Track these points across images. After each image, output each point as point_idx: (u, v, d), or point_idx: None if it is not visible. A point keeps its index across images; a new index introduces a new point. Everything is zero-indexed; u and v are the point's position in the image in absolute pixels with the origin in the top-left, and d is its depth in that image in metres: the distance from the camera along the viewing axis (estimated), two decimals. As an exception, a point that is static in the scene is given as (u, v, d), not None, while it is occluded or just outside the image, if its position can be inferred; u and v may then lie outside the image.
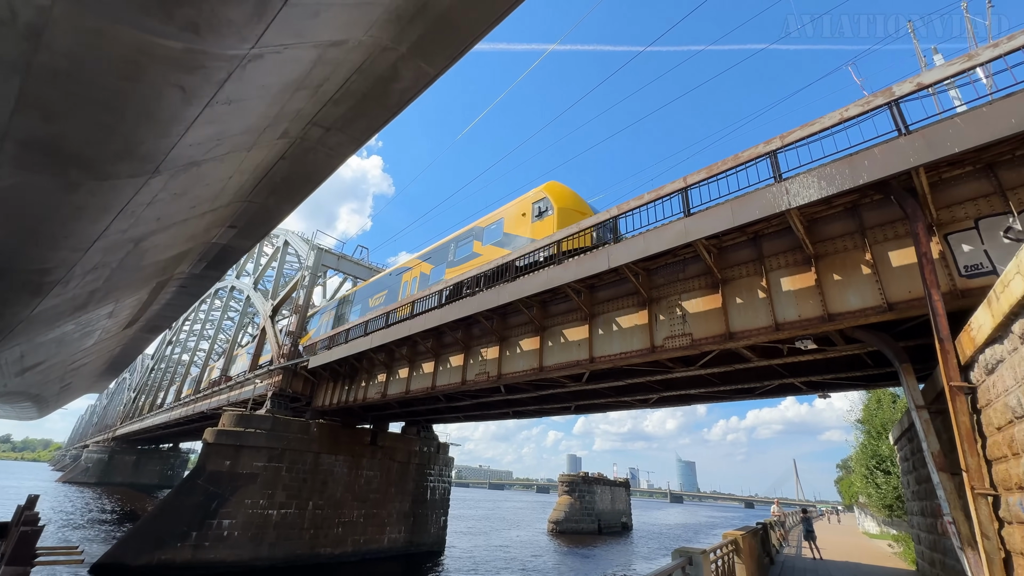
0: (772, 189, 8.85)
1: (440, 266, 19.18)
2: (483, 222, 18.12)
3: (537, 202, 15.90)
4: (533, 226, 15.67)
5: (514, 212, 16.72)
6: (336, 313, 28.68)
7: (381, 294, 23.46)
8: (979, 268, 7.63)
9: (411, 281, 21.05)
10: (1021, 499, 5.77)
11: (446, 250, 19.41)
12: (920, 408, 8.57)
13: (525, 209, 16.25)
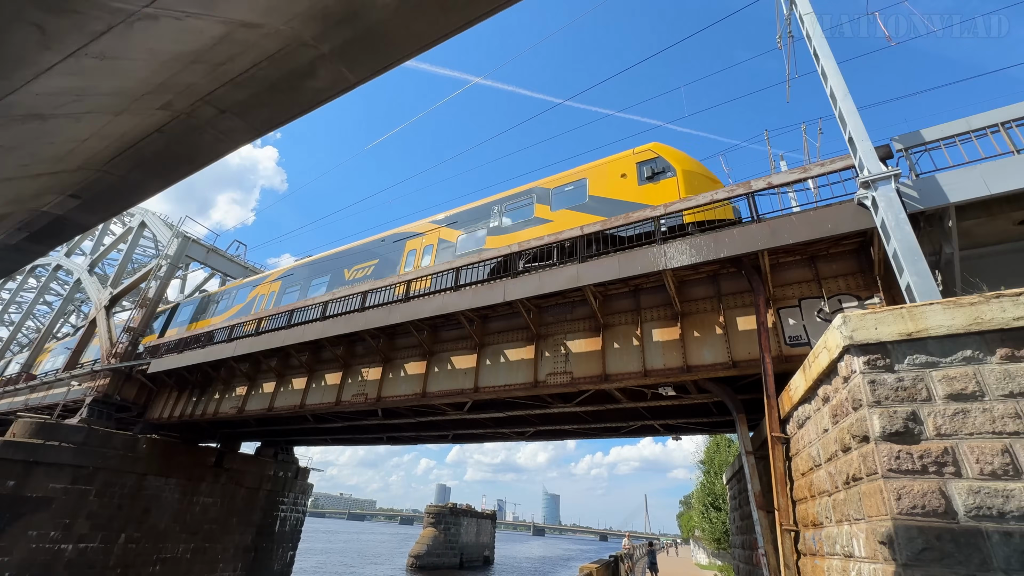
0: (654, 250, 9.93)
1: (475, 232, 15.19)
2: (548, 182, 14.56)
3: (646, 162, 12.87)
4: (642, 190, 12.58)
5: (605, 172, 13.56)
6: (198, 310, 25.22)
7: (361, 266, 18.04)
8: (799, 339, 9.29)
9: (421, 250, 16.31)
10: (815, 534, 6.94)
11: (484, 213, 15.40)
12: (748, 453, 9.98)
13: (625, 169, 13.18)
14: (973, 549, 4.12)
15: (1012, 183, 7.08)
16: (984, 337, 4.75)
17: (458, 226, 15.89)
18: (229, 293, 24.62)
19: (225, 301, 24.28)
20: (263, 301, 21.71)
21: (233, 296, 24.03)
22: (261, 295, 22.10)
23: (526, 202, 14.69)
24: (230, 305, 23.60)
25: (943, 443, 4.58)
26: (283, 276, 21.80)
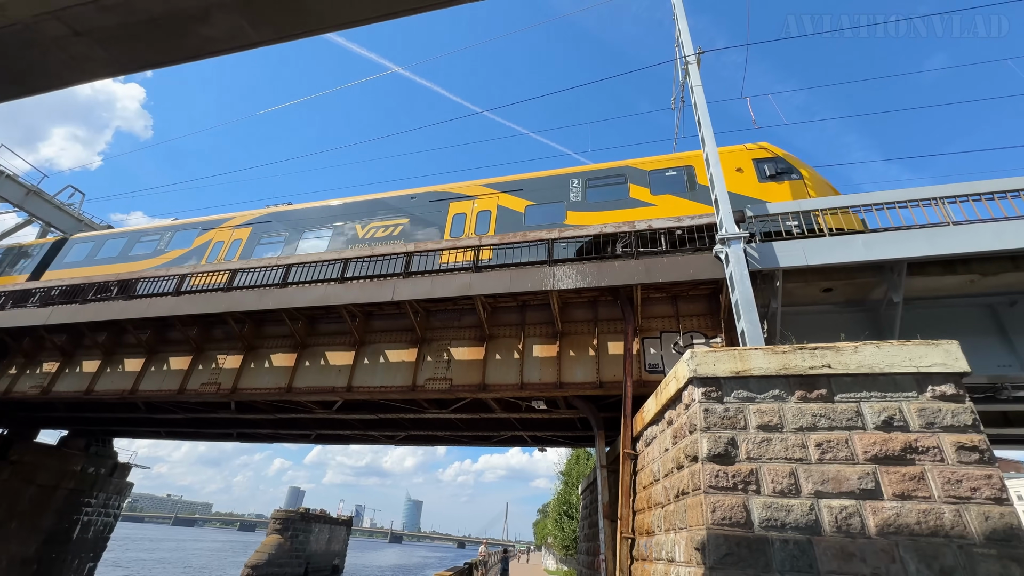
0: (544, 270, 10.47)
1: (550, 205, 13.97)
2: (643, 163, 13.87)
3: (765, 160, 12.79)
4: (762, 187, 12.42)
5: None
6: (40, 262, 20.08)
7: (384, 223, 15.24)
8: (657, 367, 10.45)
9: (472, 215, 14.36)
10: (647, 541, 7.78)
11: (561, 185, 14.30)
12: (602, 467, 10.88)
13: (740, 163, 12.92)
14: (760, 554, 4.99)
15: (820, 259, 8.84)
16: (788, 380, 5.84)
17: (524, 195, 14.36)
18: (152, 235, 18.76)
19: (146, 245, 18.72)
20: (219, 250, 16.97)
21: (167, 239, 18.25)
22: (216, 242, 17.20)
23: (617, 181, 13.81)
24: (157, 250, 18.18)
25: (751, 465, 5.50)
26: (258, 221, 17.20)
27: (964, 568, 4.61)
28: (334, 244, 15.33)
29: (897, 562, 4.75)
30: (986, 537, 4.70)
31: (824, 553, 4.91)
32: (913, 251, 8.60)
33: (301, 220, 16.58)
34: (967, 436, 5.19)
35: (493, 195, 14.66)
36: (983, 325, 9.47)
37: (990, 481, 4.91)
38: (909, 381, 5.58)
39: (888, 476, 5.13)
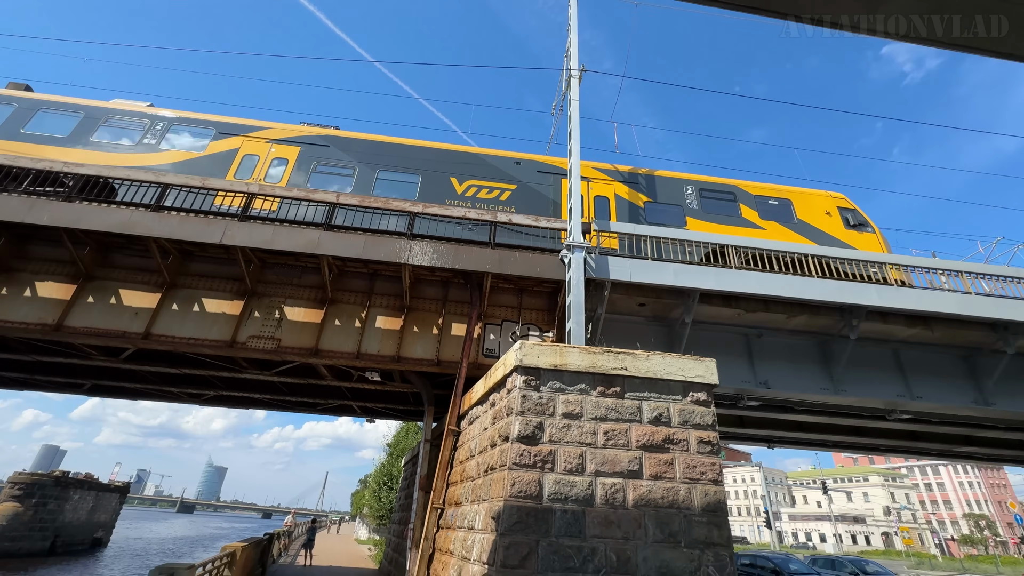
0: (401, 242, 10.28)
1: (669, 206, 14.26)
2: (748, 187, 14.96)
3: (845, 210, 14.95)
4: (847, 233, 14.52)
5: (808, 203, 14.97)
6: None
7: (486, 183, 13.76)
8: (493, 352, 11.13)
9: (589, 198, 13.91)
10: (454, 512, 8.33)
11: (678, 190, 14.69)
12: (426, 441, 11.25)
13: (828, 208, 14.90)
14: (544, 522, 5.79)
15: (641, 277, 10.40)
16: (594, 377, 6.81)
17: (641, 189, 14.54)
18: (127, 119, 14.04)
19: (121, 132, 13.64)
20: (252, 167, 13.42)
21: (159, 132, 13.81)
22: (248, 155, 13.64)
23: (728, 197, 14.78)
24: (144, 144, 13.53)
25: (551, 447, 6.29)
26: (310, 142, 14.00)
27: (684, 532, 6.01)
28: (425, 192, 13.48)
29: (642, 528, 5.95)
30: (703, 509, 6.19)
31: (592, 521, 5.91)
32: (704, 284, 10.65)
33: (376, 155, 14.06)
34: (707, 433, 6.72)
35: (608, 182, 14.57)
36: (738, 349, 12.20)
37: (713, 467, 6.46)
38: (679, 387, 6.98)
39: (649, 460, 6.38)
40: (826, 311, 11.48)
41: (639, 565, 5.74)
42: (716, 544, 5.97)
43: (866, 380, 12.21)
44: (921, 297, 11.11)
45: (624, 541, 5.86)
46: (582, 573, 5.60)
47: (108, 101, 14.58)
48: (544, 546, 5.69)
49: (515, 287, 11.94)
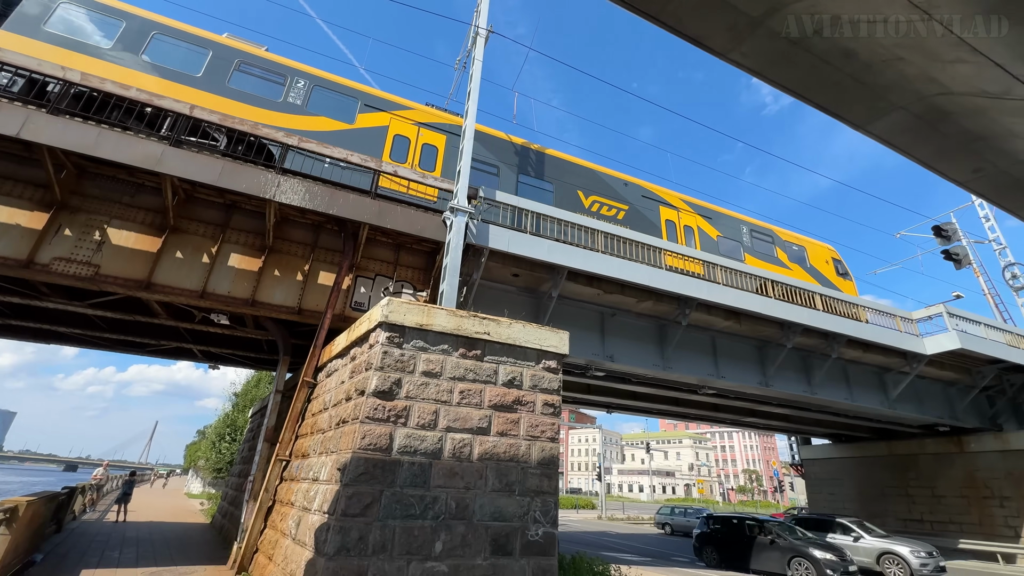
0: (269, 176, 9.26)
1: (732, 241, 17.22)
2: (782, 233, 18.70)
3: (836, 260, 19.33)
4: (837, 279, 18.64)
5: (816, 252, 18.98)
6: None
7: (606, 201, 15.31)
8: (362, 306, 10.79)
9: (681, 226, 16.31)
10: (300, 463, 8.11)
11: (737, 228, 17.73)
12: (278, 392, 10.63)
13: (827, 257, 19.12)
14: (390, 473, 5.97)
15: (518, 249, 10.87)
16: (458, 339, 7.06)
17: (714, 224, 17.22)
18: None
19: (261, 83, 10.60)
20: (405, 149, 12.64)
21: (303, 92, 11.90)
22: (399, 136, 12.80)
23: (767, 239, 18.03)
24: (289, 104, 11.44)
25: (407, 403, 6.44)
26: (454, 131, 13.38)
27: (520, 482, 6.69)
28: (559, 202, 14.25)
29: (483, 478, 6.48)
30: (538, 462, 6.93)
31: (438, 473, 6.25)
32: (573, 262, 11.53)
33: (516, 157, 14.37)
34: (552, 396, 7.46)
35: (692, 214, 16.92)
36: (594, 325, 13.55)
37: (553, 427, 7.23)
38: (534, 354, 7.59)
39: (498, 419, 6.90)
40: (668, 299, 13.28)
41: (475, 511, 6.27)
42: (545, 492, 6.77)
43: (688, 360, 14.53)
44: (738, 296, 13.45)
45: (465, 490, 6.33)
46: (422, 519, 5.95)
47: (223, 36, 12.09)
48: (388, 495, 5.89)
49: (393, 242, 11.62)
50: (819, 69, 6.58)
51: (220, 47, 11.76)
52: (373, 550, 5.63)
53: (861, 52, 6.17)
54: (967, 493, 20.66)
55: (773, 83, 7.21)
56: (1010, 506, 19.22)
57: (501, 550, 6.22)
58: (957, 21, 4.92)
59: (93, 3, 10.91)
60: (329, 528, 5.63)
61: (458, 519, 6.14)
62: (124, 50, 10.74)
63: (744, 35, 6.36)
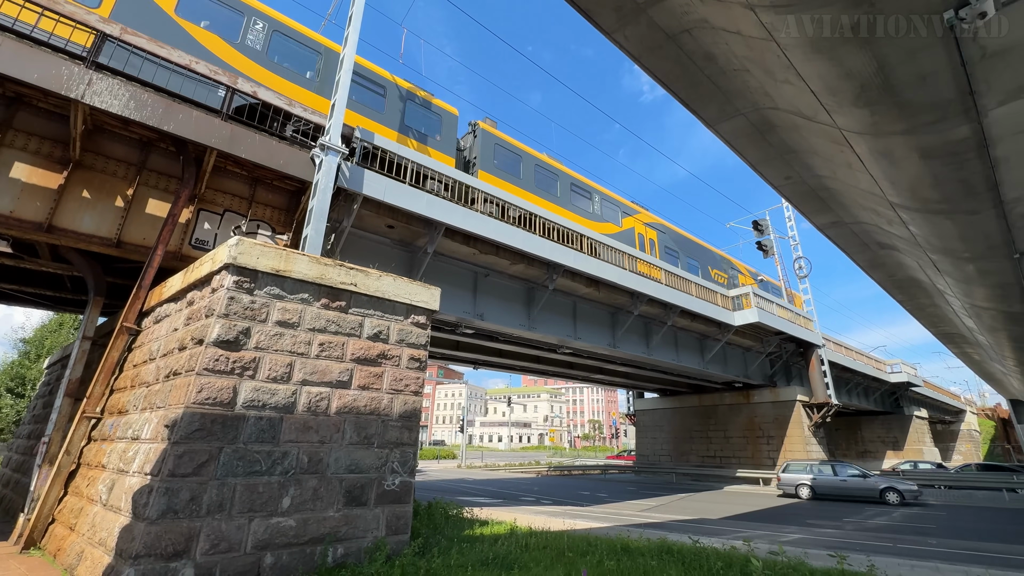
0: (76, 68, 7.29)
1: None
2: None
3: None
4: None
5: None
6: None
7: (719, 273, 24.27)
8: (206, 244, 9.37)
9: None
10: (115, 421, 6.98)
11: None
12: (87, 339, 8.86)
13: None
14: (232, 429, 5.47)
15: (394, 200, 10.39)
16: (320, 288, 6.58)
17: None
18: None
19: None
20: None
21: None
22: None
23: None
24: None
25: (256, 354, 5.87)
26: (658, 228, 21.19)
27: (379, 434, 6.66)
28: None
29: (340, 432, 6.30)
30: (400, 415, 6.95)
31: (290, 427, 5.90)
32: (452, 220, 11.41)
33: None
34: (419, 351, 7.46)
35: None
36: (467, 283, 13.74)
37: (417, 381, 7.28)
38: (403, 308, 7.45)
39: (361, 372, 6.70)
40: (539, 264, 13.99)
41: (330, 464, 6.11)
42: (404, 444, 6.85)
43: (551, 322, 15.66)
44: (599, 266, 14.74)
45: (320, 444, 6.10)
46: (268, 475, 5.60)
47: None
48: (228, 452, 5.40)
49: (249, 175, 10.19)
50: (686, 66, 7.23)
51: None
52: (208, 510, 5.17)
53: (719, 58, 6.92)
54: (747, 434, 26.26)
55: (648, 71, 7.74)
56: (773, 443, 24.97)
57: (355, 501, 6.20)
58: (789, 48, 5.78)
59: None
60: (152, 490, 4.99)
61: (310, 473, 5.92)
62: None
63: (628, 19, 6.67)
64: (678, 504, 16.58)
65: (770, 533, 10.93)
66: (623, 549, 6.73)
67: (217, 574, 5.08)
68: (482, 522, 9.20)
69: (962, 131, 6.18)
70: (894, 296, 16.09)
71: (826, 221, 11.06)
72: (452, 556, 6.04)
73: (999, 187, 7.39)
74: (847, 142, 7.18)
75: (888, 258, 12.74)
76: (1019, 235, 9.02)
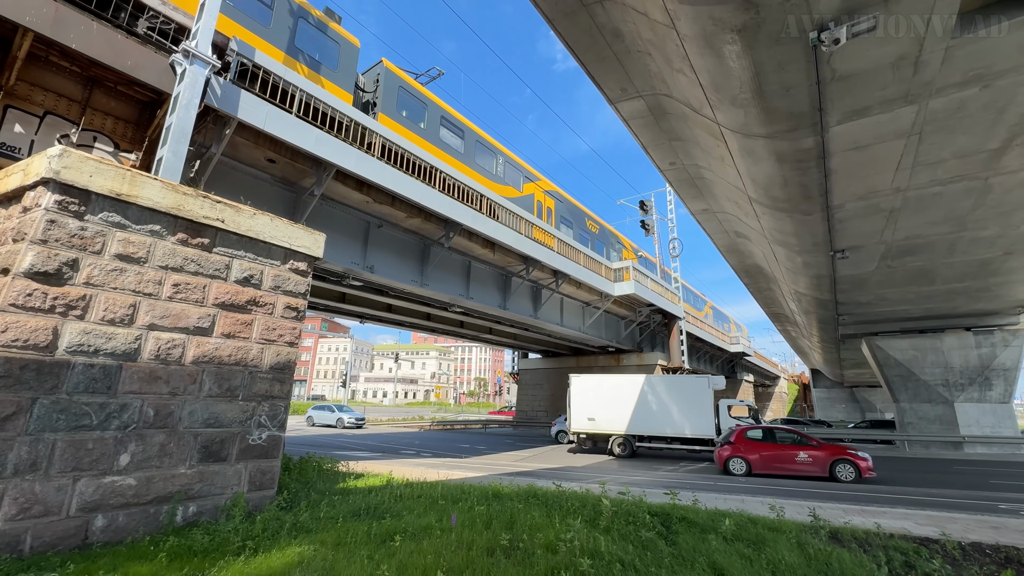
0: None
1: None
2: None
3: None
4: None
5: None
6: None
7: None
8: (14, 151, 7.51)
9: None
10: None
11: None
12: None
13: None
14: (51, 377, 4.61)
15: (277, 131, 9.27)
16: (176, 221, 5.69)
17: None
18: None
19: None
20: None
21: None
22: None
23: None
24: None
25: (87, 291, 4.95)
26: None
27: (245, 386, 6.13)
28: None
29: (197, 383, 5.67)
30: (271, 367, 6.46)
31: (131, 377, 5.15)
32: (344, 162, 10.54)
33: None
34: (297, 300, 6.92)
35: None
36: (357, 233, 12.97)
37: (293, 331, 6.78)
38: (280, 252, 6.79)
39: (226, 319, 6.04)
40: (436, 220, 13.66)
41: (183, 418, 5.50)
42: (275, 397, 6.41)
43: (444, 280, 15.55)
44: (497, 228, 14.85)
45: (171, 396, 5.44)
46: (101, 430, 4.87)
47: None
48: (46, 404, 4.56)
49: (84, 73, 8.26)
50: (595, 39, 7.34)
51: None
52: (16, 470, 4.36)
53: (627, 37, 7.13)
54: (614, 393, 29.29)
55: (561, 36, 7.70)
56: (634, 401, 28.22)
57: (213, 456, 5.69)
58: (687, 39, 6.14)
59: None
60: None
61: (157, 428, 5.27)
62: None
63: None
64: (549, 455, 18.08)
65: (620, 476, 12.49)
66: (494, 495, 7.18)
67: (28, 540, 4.37)
68: (357, 475, 9.12)
69: (808, 142, 7.21)
70: (742, 279, 18.74)
71: (699, 207, 12.35)
72: (321, 509, 5.91)
73: (828, 194, 8.85)
74: (723, 138, 7.98)
75: (742, 246, 14.73)
76: (837, 236, 10.98)
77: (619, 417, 18.13)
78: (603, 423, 18.35)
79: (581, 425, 18.74)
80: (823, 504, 8.31)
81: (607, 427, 18.24)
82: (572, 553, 4.44)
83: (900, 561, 4.97)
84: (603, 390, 18.84)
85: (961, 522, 7.17)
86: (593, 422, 18.52)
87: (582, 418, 18.75)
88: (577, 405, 18.98)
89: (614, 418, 18.19)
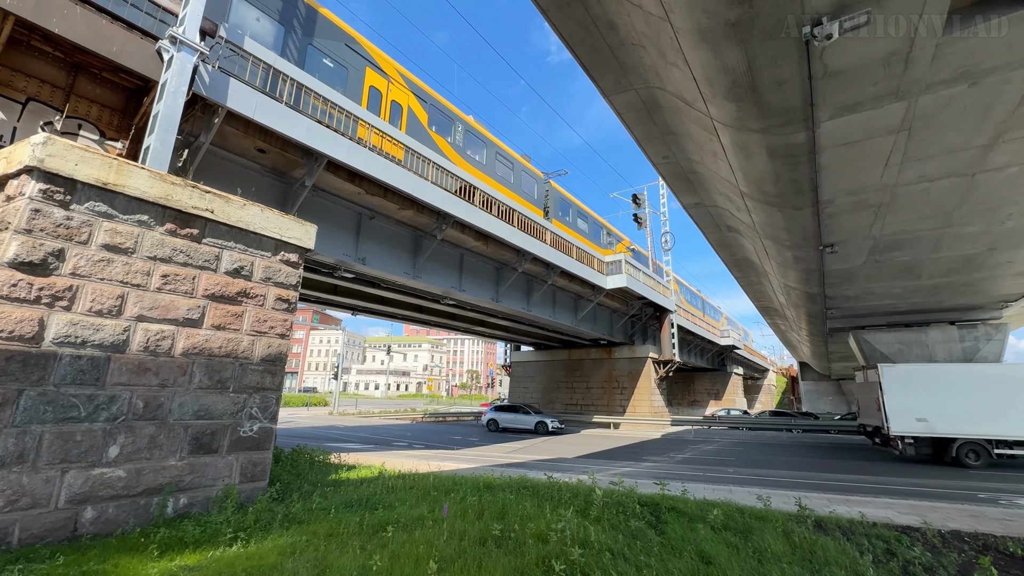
0: None
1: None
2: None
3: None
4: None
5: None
6: None
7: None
8: (-3, 138, 7.34)
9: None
10: None
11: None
12: None
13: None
14: (37, 368, 4.55)
15: (266, 120, 9.15)
16: (165, 211, 5.61)
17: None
18: None
19: None
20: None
21: None
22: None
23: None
24: None
25: (73, 281, 4.88)
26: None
27: (236, 378, 6.10)
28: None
29: (187, 375, 5.63)
30: (262, 359, 6.42)
31: (120, 368, 5.10)
32: (336, 153, 10.43)
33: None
34: (288, 292, 6.87)
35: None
36: (349, 224, 12.87)
37: (284, 323, 6.74)
38: (271, 244, 6.73)
39: (216, 311, 5.99)
40: (428, 212, 13.59)
41: (173, 410, 5.46)
42: (266, 388, 6.39)
43: (437, 272, 15.51)
44: (489, 221, 14.81)
45: (160, 388, 5.40)
46: (89, 422, 4.83)
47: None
48: (33, 396, 4.51)
49: (68, 59, 8.08)
50: (589, 30, 7.29)
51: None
52: (2, 463, 4.31)
53: (621, 29, 7.09)
54: (605, 385, 29.50)
55: (555, 28, 7.64)
56: (626, 393, 28.45)
57: (204, 448, 5.67)
58: (681, 32, 6.12)
59: None
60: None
61: (147, 420, 5.24)
62: None
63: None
64: (541, 446, 18.22)
65: (611, 467, 12.63)
66: (486, 486, 7.23)
67: (16, 532, 4.34)
68: (349, 467, 9.14)
69: (800, 137, 7.25)
70: (733, 273, 18.87)
71: (691, 201, 12.39)
72: (314, 500, 5.93)
73: (818, 189, 8.92)
74: (716, 132, 8.00)
75: (733, 240, 14.82)
76: (826, 231, 11.08)
77: (971, 416, 14.73)
78: (942, 424, 14.91)
79: (906, 426, 15.20)
80: (809, 494, 8.48)
81: (950, 429, 14.83)
82: (563, 542, 4.50)
83: (882, 548, 5.10)
84: (945, 382, 15.31)
85: (942, 511, 7.36)
86: (925, 423, 15.06)
87: (907, 418, 15.24)
88: (898, 402, 15.46)
89: (961, 417, 14.78)
